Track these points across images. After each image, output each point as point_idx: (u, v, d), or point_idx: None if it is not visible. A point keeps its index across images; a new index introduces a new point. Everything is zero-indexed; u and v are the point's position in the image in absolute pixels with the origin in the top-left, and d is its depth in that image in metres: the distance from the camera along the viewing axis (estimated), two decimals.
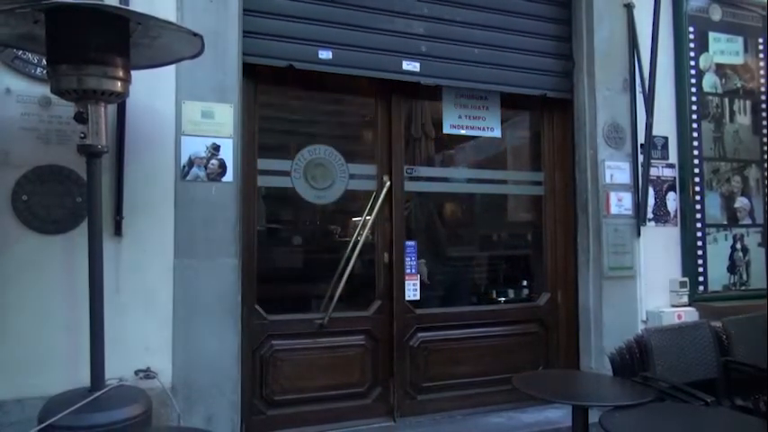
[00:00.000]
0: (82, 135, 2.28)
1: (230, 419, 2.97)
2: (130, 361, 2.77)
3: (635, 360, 3.27)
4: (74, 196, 2.75)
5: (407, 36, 3.64)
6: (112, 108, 2.72)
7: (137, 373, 2.76)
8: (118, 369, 2.57)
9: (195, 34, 2.36)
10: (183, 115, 2.97)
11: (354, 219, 3.90)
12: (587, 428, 2.68)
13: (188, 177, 2.97)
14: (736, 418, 2.64)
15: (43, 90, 2.64)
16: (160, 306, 2.89)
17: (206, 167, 2.99)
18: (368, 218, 3.61)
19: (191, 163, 2.97)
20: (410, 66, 3.63)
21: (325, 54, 3.42)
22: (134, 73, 2.45)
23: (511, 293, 4.31)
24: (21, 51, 2.69)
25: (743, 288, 4.29)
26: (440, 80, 3.70)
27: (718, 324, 3.51)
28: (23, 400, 2.57)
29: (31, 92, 2.72)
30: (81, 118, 2.24)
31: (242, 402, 3.10)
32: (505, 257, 4.83)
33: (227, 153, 3.04)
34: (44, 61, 2.44)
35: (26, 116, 2.71)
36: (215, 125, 3.02)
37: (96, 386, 2.37)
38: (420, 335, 3.67)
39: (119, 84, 2.28)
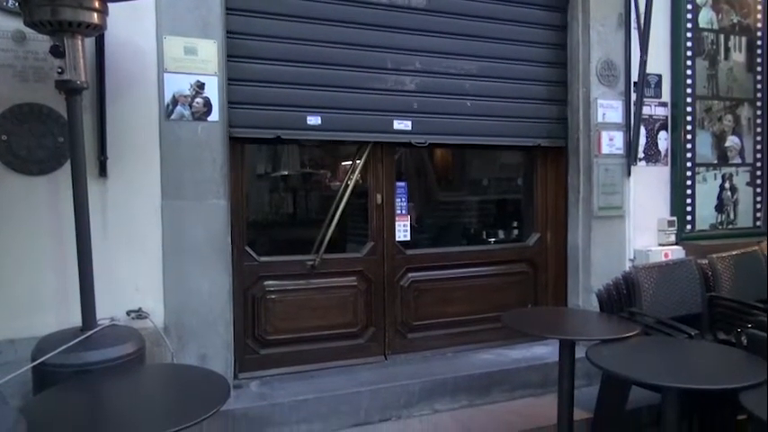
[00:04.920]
0: (59, 70, 2.20)
1: (224, 358, 3.02)
2: (121, 302, 2.77)
3: (622, 297, 3.32)
4: (55, 136, 2.68)
5: (399, 93, 3.51)
6: (90, 43, 2.61)
7: (128, 313, 2.77)
8: (109, 310, 2.57)
9: None
10: (165, 51, 2.86)
11: (345, 163, 3.86)
12: (574, 363, 2.74)
13: (173, 116, 2.89)
14: (717, 349, 2.70)
15: (17, 24, 2.51)
16: (149, 247, 2.87)
17: (191, 106, 2.91)
18: (358, 161, 3.56)
19: (175, 101, 2.89)
20: (401, 125, 3.51)
21: (313, 120, 3.30)
22: (111, 6, 2.35)
23: (501, 234, 4.33)
24: None
25: (730, 227, 4.34)
26: (431, 137, 3.60)
27: (704, 261, 3.56)
28: (15, 341, 2.57)
29: (3, 26, 2.59)
30: (57, 51, 2.15)
31: (234, 342, 3.14)
32: (496, 199, 4.85)
33: (213, 91, 2.96)
34: None
35: (0, 52, 2.60)
36: (199, 62, 2.92)
37: (88, 326, 2.38)
38: (410, 275, 3.69)
39: (95, 15, 2.19)
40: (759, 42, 4.39)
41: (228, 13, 3.07)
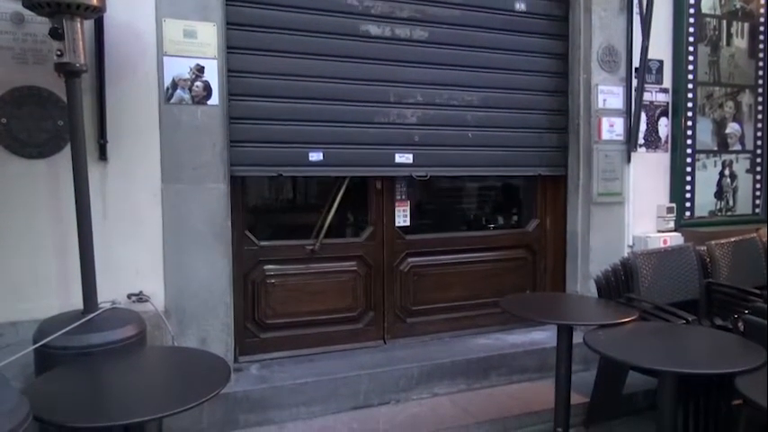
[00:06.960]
0: (58, 52, 2.19)
1: (224, 341, 3.03)
2: (122, 286, 2.78)
3: (620, 283, 3.34)
4: (55, 119, 2.67)
5: (400, 127, 3.48)
6: (89, 26, 2.59)
7: (129, 296, 2.79)
8: (110, 294, 2.58)
9: None
10: (165, 34, 2.84)
11: None
12: (571, 348, 2.76)
13: (172, 100, 2.88)
14: (713, 335, 2.72)
15: (15, 5, 2.49)
16: (149, 231, 2.88)
17: (190, 90, 2.90)
18: None
19: (174, 85, 2.87)
20: (403, 158, 3.49)
21: (315, 156, 3.28)
22: None
23: (500, 220, 4.34)
24: None
25: (729, 214, 4.35)
26: (432, 169, 3.58)
27: (702, 248, 3.58)
28: (17, 324, 2.59)
29: (2, 8, 2.57)
30: (56, 34, 2.14)
31: (234, 325, 3.15)
32: (495, 185, 4.83)
33: (212, 75, 2.94)
34: None
35: None
36: (198, 45, 2.90)
37: (89, 309, 2.39)
38: (410, 260, 3.71)
39: None
40: (761, 29, 4.36)
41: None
